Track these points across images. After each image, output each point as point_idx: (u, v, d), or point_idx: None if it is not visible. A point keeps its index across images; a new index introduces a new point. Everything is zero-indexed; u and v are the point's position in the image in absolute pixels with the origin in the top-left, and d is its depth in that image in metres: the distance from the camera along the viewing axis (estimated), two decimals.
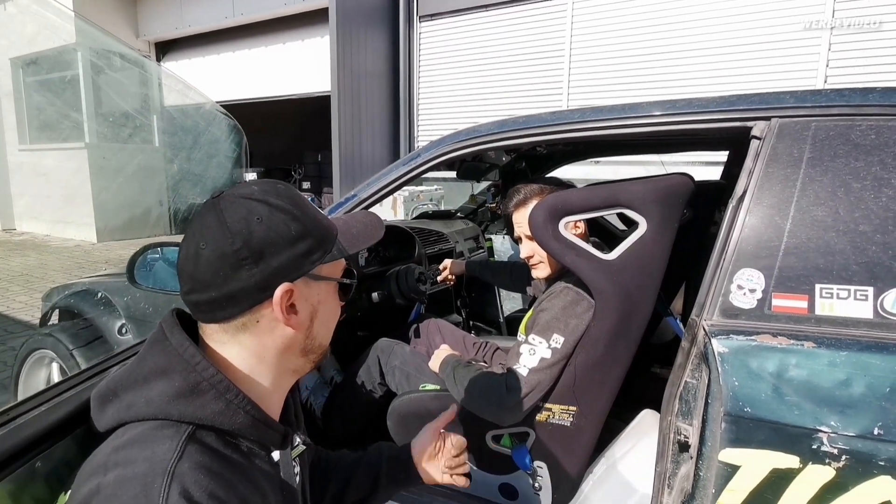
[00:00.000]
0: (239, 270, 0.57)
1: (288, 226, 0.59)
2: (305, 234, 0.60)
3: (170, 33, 8.45)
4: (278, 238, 0.58)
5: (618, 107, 1.10)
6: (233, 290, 0.57)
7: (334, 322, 0.68)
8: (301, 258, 0.60)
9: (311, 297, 0.63)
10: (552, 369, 1.20)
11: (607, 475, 1.23)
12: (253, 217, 0.58)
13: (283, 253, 0.58)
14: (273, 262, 0.58)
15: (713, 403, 0.85)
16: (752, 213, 0.91)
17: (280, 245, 0.58)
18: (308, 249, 0.60)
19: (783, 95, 0.96)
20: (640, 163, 3.40)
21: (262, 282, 0.58)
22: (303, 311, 0.62)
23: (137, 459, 0.50)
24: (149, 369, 0.58)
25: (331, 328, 0.68)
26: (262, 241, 0.57)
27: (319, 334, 0.66)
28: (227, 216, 0.58)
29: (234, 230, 0.57)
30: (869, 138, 0.87)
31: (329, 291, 0.66)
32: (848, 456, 0.76)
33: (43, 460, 0.59)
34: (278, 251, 0.58)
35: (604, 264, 1.14)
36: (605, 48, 5.39)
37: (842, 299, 0.83)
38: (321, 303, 0.64)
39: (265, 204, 0.59)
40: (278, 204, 0.60)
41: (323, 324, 0.66)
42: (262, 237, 0.57)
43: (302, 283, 0.61)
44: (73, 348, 1.72)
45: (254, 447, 0.60)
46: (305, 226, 0.61)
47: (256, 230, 0.57)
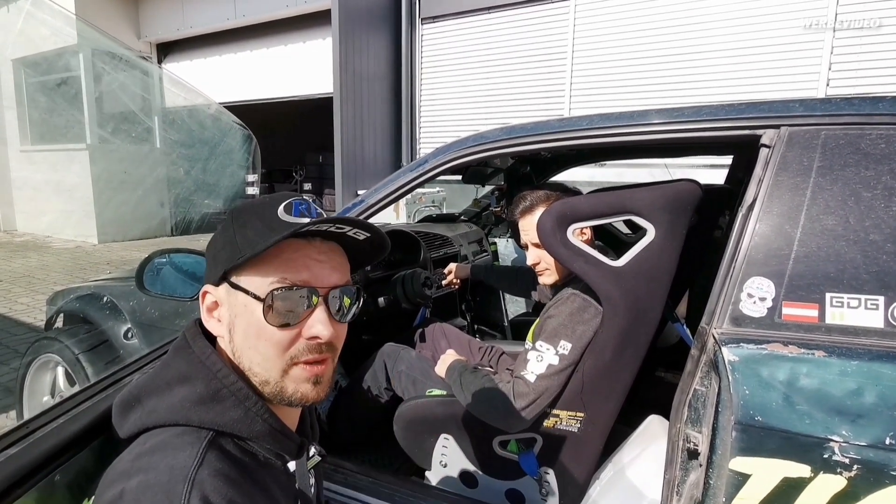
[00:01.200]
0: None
1: (218, 234, 0.63)
2: (224, 241, 0.62)
3: (171, 34, 8.46)
4: (211, 245, 0.64)
5: (626, 114, 1.11)
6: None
7: (261, 344, 0.59)
8: (216, 263, 0.62)
9: (233, 306, 0.60)
10: (560, 376, 1.20)
11: (615, 481, 1.23)
12: (218, 226, 0.64)
13: (209, 258, 0.63)
14: (210, 265, 0.63)
15: (724, 412, 0.85)
16: (762, 221, 0.91)
17: (210, 251, 0.63)
18: (222, 255, 0.61)
19: (792, 103, 0.96)
20: (645, 165, 3.41)
21: (204, 280, 0.64)
22: (223, 318, 0.61)
23: (159, 466, 0.51)
24: (171, 376, 0.59)
25: (262, 353, 0.59)
26: (209, 247, 0.64)
27: (243, 353, 0.60)
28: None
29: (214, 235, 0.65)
30: (879, 147, 0.87)
31: (247, 304, 0.59)
32: (860, 465, 0.76)
33: (62, 473, 0.59)
34: (209, 256, 0.64)
35: (612, 271, 1.14)
36: (607, 51, 5.40)
37: (852, 308, 0.83)
38: (238, 315, 0.60)
39: (227, 214, 0.64)
40: (229, 214, 0.64)
41: (243, 340, 0.60)
42: (210, 244, 0.64)
43: (224, 289, 0.61)
44: (78, 353, 1.72)
45: (270, 457, 0.61)
46: (227, 233, 0.62)
47: (212, 237, 0.64)
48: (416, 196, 5.11)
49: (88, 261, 6.39)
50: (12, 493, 0.54)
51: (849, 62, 4.33)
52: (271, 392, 0.60)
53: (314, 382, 0.61)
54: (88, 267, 6.02)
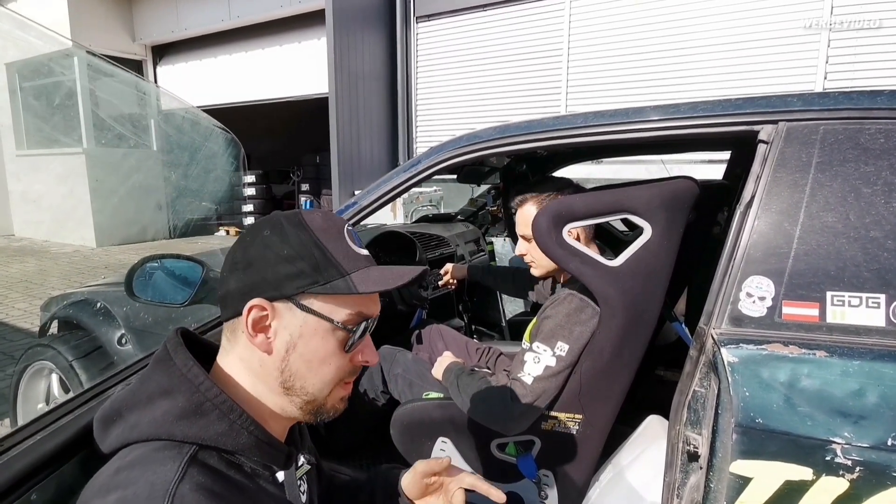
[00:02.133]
0: (232, 274, 0.61)
1: (283, 245, 0.59)
2: (298, 258, 0.59)
3: (166, 37, 8.43)
4: (269, 253, 0.59)
5: (622, 111, 1.09)
6: (224, 291, 0.61)
7: (324, 368, 0.61)
8: (284, 279, 0.59)
9: (293, 326, 0.59)
10: (557, 377, 1.19)
11: (614, 483, 1.22)
12: (263, 231, 0.61)
13: (268, 268, 0.59)
14: (256, 274, 0.59)
15: (723, 414, 0.84)
16: (761, 218, 0.89)
17: (268, 260, 0.59)
18: (295, 273, 0.58)
19: (790, 98, 0.94)
20: (641, 162, 3.39)
21: (243, 289, 0.59)
22: (279, 336, 0.59)
23: (139, 481, 0.50)
24: (152, 389, 0.58)
25: (320, 374, 0.61)
26: (256, 252, 0.60)
27: (299, 373, 0.60)
28: (254, 226, 0.63)
29: (244, 239, 0.62)
30: (878, 142, 0.85)
31: (317, 329, 0.60)
32: (862, 467, 0.74)
33: (39, 492, 0.57)
34: (265, 265, 0.59)
35: (608, 271, 1.12)
36: (603, 48, 5.38)
37: (853, 307, 0.81)
38: (302, 337, 0.59)
39: (284, 222, 0.61)
40: (291, 225, 0.61)
41: (304, 363, 0.60)
42: (258, 249, 0.60)
43: (285, 307, 0.59)
44: (72, 360, 1.70)
45: (258, 468, 0.60)
46: (303, 250, 0.59)
47: (257, 242, 0.60)
48: (414, 196, 5.09)
49: (86, 265, 6.37)
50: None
51: (846, 58, 4.31)
52: (312, 408, 0.62)
53: (345, 399, 0.66)
54: (86, 271, 5.99)
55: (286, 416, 0.63)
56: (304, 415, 0.62)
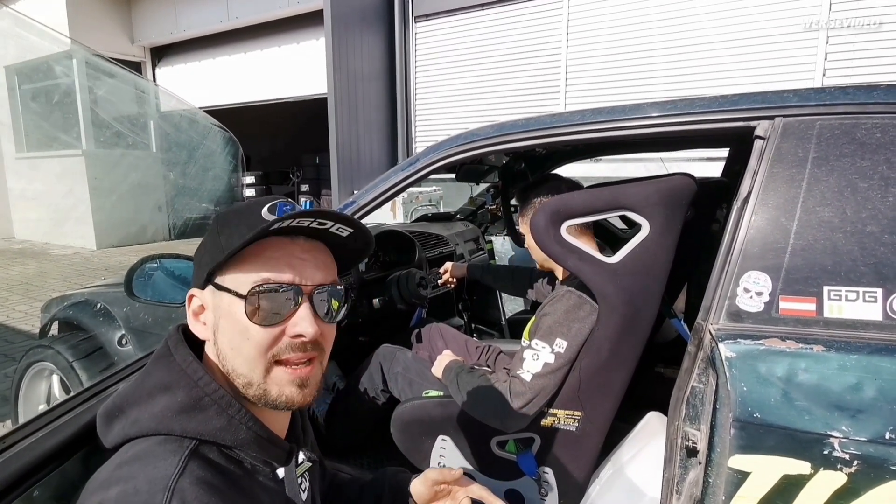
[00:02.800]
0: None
1: (204, 238, 0.62)
2: (208, 244, 0.61)
3: (165, 38, 8.43)
4: (198, 249, 0.63)
5: (619, 108, 1.09)
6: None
7: (244, 345, 0.58)
8: (202, 264, 0.61)
9: (217, 308, 0.60)
10: (556, 374, 1.19)
11: (614, 479, 1.22)
12: (206, 230, 0.64)
13: (198, 260, 0.62)
14: (196, 269, 0.63)
15: (722, 409, 0.84)
16: (758, 214, 0.90)
17: (197, 255, 0.63)
18: (206, 256, 0.60)
19: (786, 94, 0.95)
20: (640, 160, 3.39)
21: (194, 284, 0.62)
22: (208, 321, 0.61)
23: (139, 475, 0.51)
24: (153, 385, 0.59)
25: (242, 352, 0.58)
26: (197, 252, 0.63)
27: (227, 354, 0.59)
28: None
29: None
30: (874, 137, 0.85)
31: (230, 305, 0.58)
32: (860, 461, 0.74)
33: (41, 488, 0.58)
34: (195, 261, 0.63)
35: (606, 267, 1.13)
36: (601, 46, 5.38)
37: (850, 301, 0.81)
38: (222, 316, 0.59)
39: (213, 219, 0.63)
40: (214, 218, 0.63)
41: (226, 341, 0.59)
42: (197, 249, 0.63)
43: (209, 291, 0.61)
44: (73, 360, 1.71)
45: (257, 463, 0.60)
46: (213, 236, 0.61)
47: (201, 242, 0.63)
48: (413, 195, 5.09)
49: (87, 267, 6.37)
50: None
51: (844, 57, 4.31)
52: (255, 395, 0.59)
53: (299, 385, 0.59)
54: (87, 273, 6.00)
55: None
56: (257, 402, 0.59)
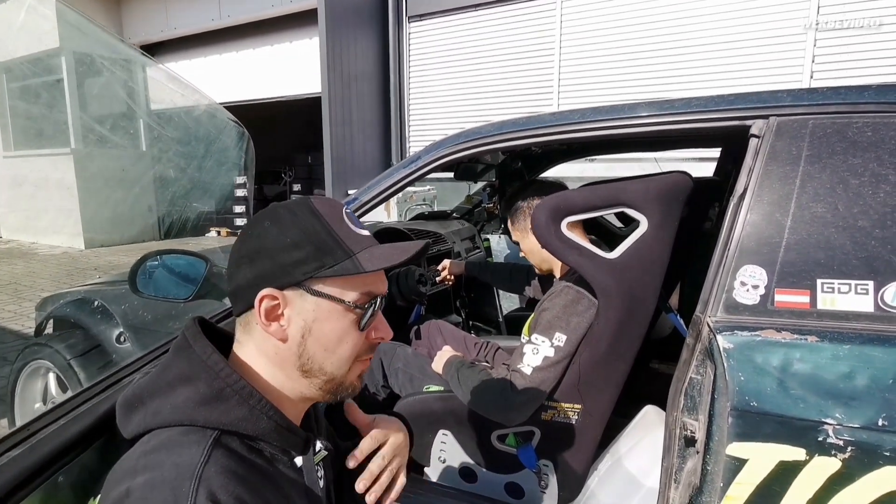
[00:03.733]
0: (239, 269, 0.62)
1: (285, 233, 0.60)
2: (303, 244, 0.59)
3: (155, 36, 8.36)
4: (272, 243, 0.60)
5: (618, 107, 1.11)
6: (234, 286, 0.62)
7: (341, 348, 0.62)
8: (290, 266, 0.59)
9: (306, 311, 0.60)
10: (556, 367, 1.21)
11: (613, 471, 1.24)
12: (264, 223, 0.62)
13: (272, 258, 0.60)
14: (261, 265, 0.60)
15: (719, 398, 0.87)
16: (753, 210, 0.92)
17: (271, 250, 0.60)
18: (302, 259, 0.59)
19: (780, 94, 0.98)
20: (635, 160, 3.43)
21: (252, 281, 0.60)
22: (293, 323, 0.60)
23: (166, 463, 0.52)
24: (173, 376, 0.59)
25: (337, 354, 0.62)
26: (259, 243, 0.61)
27: (316, 356, 0.61)
28: (254, 219, 0.63)
29: (247, 233, 0.63)
30: (865, 135, 0.88)
31: (331, 311, 0.61)
32: (853, 447, 0.77)
33: (65, 474, 0.59)
34: (270, 255, 0.60)
35: (606, 263, 1.15)
36: (594, 47, 5.43)
37: (843, 294, 0.84)
38: (317, 321, 0.60)
39: (284, 211, 0.62)
40: (292, 213, 0.62)
41: (321, 346, 0.61)
42: (261, 240, 0.61)
43: (295, 294, 0.60)
44: (70, 358, 1.70)
45: (277, 453, 0.61)
46: (307, 236, 0.60)
47: (260, 234, 0.61)
48: (407, 194, 5.10)
49: (75, 267, 6.30)
50: (16, 494, 0.53)
51: (832, 57, 4.39)
52: (332, 387, 0.63)
53: (361, 377, 0.67)
54: (75, 273, 5.94)
55: (304, 399, 0.65)
56: (323, 395, 0.64)
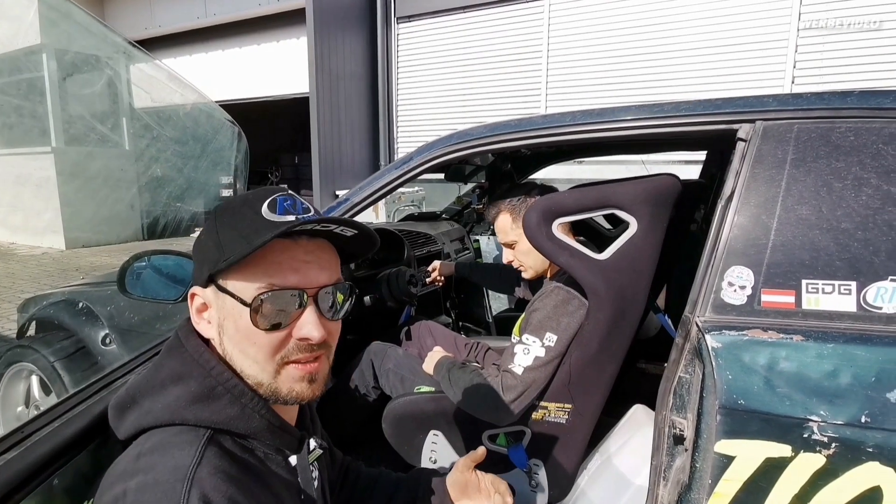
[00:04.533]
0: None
1: (202, 234, 0.62)
2: (208, 239, 0.60)
3: (139, 34, 8.24)
4: (196, 245, 0.63)
5: (608, 110, 1.13)
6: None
7: (251, 349, 0.58)
8: (203, 263, 0.61)
9: (221, 309, 0.60)
10: (547, 367, 1.22)
11: (603, 469, 1.26)
12: (203, 225, 0.63)
13: (195, 259, 0.62)
14: (197, 266, 0.62)
15: (708, 397, 0.88)
16: (740, 212, 0.94)
17: (195, 252, 0.62)
18: (207, 255, 0.60)
19: (766, 99, 1.00)
20: (622, 162, 3.47)
21: (196, 282, 0.62)
22: (213, 321, 0.61)
23: (159, 465, 0.51)
24: (165, 375, 0.59)
25: (249, 356, 0.59)
26: (194, 247, 0.63)
27: (235, 358, 0.60)
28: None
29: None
30: (848, 140, 0.91)
31: (233, 309, 0.58)
32: (837, 443, 0.79)
33: (60, 476, 0.58)
34: (196, 254, 0.62)
35: (596, 264, 1.16)
36: (581, 50, 5.48)
37: (827, 294, 0.86)
38: (226, 319, 0.59)
39: (211, 213, 0.63)
40: (212, 212, 0.63)
41: (232, 344, 0.59)
42: (195, 244, 0.63)
43: (211, 291, 0.61)
44: (54, 360, 1.67)
45: (270, 452, 0.61)
46: (211, 233, 0.60)
47: (197, 237, 0.63)
48: (396, 195, 5.10)
49: (56, 267, 6.17)
50: (11, 498, 0.53)
51: (812, 59, 4.48)
52: (266, 393, 0.60)
53: (309, 381, 0.61)
54: (56, 274, 5.81)
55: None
56: (266, 398, 0.60)
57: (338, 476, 0.88)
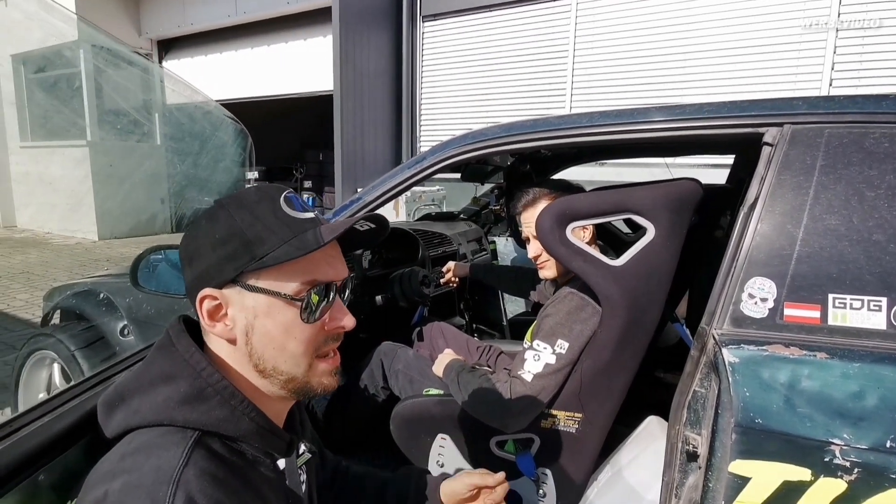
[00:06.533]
0: (184, 270, 0.61)
1: (216, 230, 0.58)
2: (230, 239, 0.57)
3: (172, 31, 8.45)
4: (205, 241, 0.58)
5: (627, 111, 1.09)
6: (186, 288, 0.61)
7: (290, 345, 0.59)
8: (223, 263, 0.57)
9: (247, 309, 0.58)
10: (557, 375, 1.19)
11: (613, 482, 1.22)
12: (201, 222, 0.60)
13: (205, 257, 0.58)
14: (198, 266, 0.59)
15: (723, 414, 0.84)
16: (764, 220, 0.90)
17: (206, 248, 0.58)
18: (231, 254, 0.57)
19: (795, 101, 0.95)
20: (645, 165, 3.39)
21: (193, 283, 0.59)
22: (237, 322, 0.58)
23: (144, 466, 0.51)
24: (155, 374, 0.58)
25: (287, 352, 0.59)
26: (196, 243, 0.59)
27: (266, 356, 0.59)
28: (192, 221, 0.62)
29: (187, 234, 0.61)
30: (882, 146, 0.86)
31: (270, 306, 0.57)
32: (860, 469, 0.75)
33: (46, 473, 0.58)
34: (204, 254, 0.58)
35: (611, 270, 1.13)
36: (608, 50, 5.38)
37: (855, 309, 0.81)
38: (258, 317, 0.58)
39: (216, 207, 0.60)
40: (222, 208, 0.60)
41: (266, 342, 0.58)
42: (196, 240, 0.59)
43: (234, 291, 0.57)
44: (74, 349, 1.71)
45: (259, 455, 0.60)
46: (233, 229, 0.57)
47: (197, 233, 0.60)
48: (416, 194, 5.09)
49: (88, 257, 6.38)
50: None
51: (852, 61, 4.31)
52: (296, 387, 0.61)
53: (334, 374, 0.63)
54: (88, 263, 6.01)
55: (280, 398, 0.62)
56: (290, 395, 0.61)
57: (328, 478, 0.87)
